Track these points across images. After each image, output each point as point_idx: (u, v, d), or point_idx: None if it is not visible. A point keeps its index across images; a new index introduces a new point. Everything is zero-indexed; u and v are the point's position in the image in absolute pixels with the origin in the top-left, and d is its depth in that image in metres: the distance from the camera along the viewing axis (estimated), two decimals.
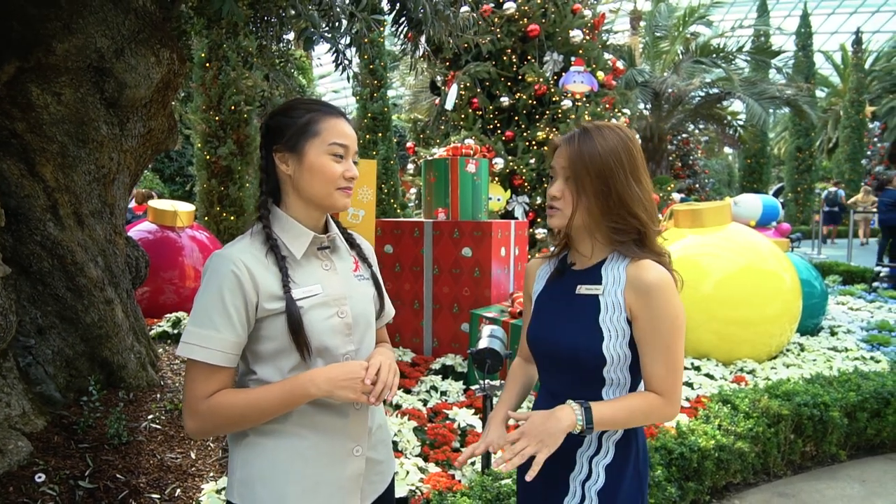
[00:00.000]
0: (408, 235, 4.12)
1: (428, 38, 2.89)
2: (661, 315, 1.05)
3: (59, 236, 2.66)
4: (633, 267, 1.09)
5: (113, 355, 2.87)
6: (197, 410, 1.00)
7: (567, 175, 1.10)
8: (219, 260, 1.02)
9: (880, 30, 24.30)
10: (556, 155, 1.14)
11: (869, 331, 5.02)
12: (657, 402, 1.06)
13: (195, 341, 0.99)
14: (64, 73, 2.50)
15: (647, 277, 1.06)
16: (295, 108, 1.09)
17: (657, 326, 1.05)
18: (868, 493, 2.76)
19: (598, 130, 1.10)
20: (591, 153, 1.08)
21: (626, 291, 1.08)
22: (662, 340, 1.05)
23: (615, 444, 1.13)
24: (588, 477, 1.12)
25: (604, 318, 1.09)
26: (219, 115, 7.52)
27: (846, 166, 19.60)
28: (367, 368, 1.03)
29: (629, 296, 1.08)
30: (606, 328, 1.09)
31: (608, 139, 1.08)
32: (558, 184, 1.12)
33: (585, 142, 1.09)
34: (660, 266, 1.08)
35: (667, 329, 1.05)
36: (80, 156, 2.70)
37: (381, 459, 1.17)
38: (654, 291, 1.05)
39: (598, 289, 1.11)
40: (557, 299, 1.18)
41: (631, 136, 1.12)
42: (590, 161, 1.07)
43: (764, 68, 14.19)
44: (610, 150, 1.08)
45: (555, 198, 1.13)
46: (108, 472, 2.25)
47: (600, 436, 1.13)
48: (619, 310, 1.08)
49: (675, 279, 1.10)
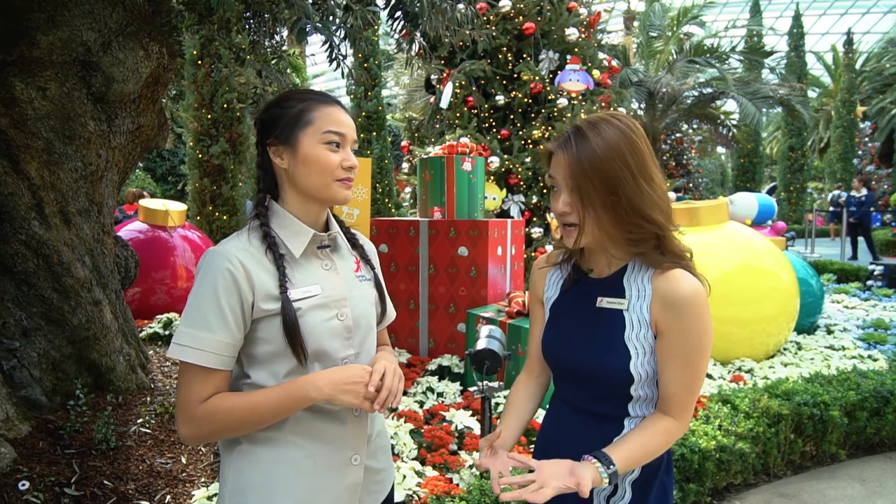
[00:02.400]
0: (403, 234, 4.07)
1: (424, 32, 2.84)
2: (689, 332, 0.96)
3: (45, 235, 2.58)
4: (661, 279, 0.99)
5: (101, 358, 2.79)
6: (191, 416, 0.94)
7: (570, 186, 0.98)
8: (214, 256, 0.97)
9: (870, 31, 24.52)
10: (554, 164, 1.01)
11: (865, 329, 5.02)
12: (672, 428, 0.99)
13: (188, 343, 0.93)
14: (49, 67, 2.42)
15: (678, 292, 0.96)
16: (288, 99, 1.04)
17: (683, 344, 0.96)
18: (868, 492, 2.73)
19: (593, 129, 0.96)
20: (591, 158, 0.94)
21: (653, 305, 0.99)
22: (687, 358, 0.97)
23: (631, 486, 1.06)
24: (614, 493, 1.06)
25: (629, 335, 1.00)
26: (211, 114, 7.43)
27: (838, 166, 19.75)
28: (371, 374, 0.97)
29: (656, 309, 0.99)
30: (633, 346, 1.00)
31: (607, 137, 0.95)
32: (565, 196, 0.99)
33: (582, 145, 0.95)
34: (690, 276, 0.98)
35: (693, 347, 0.96)
36: (67, 153, 2.63)
37: (381, 468, 1.12)
38: (685, 307, 0.96)
39: (621, 303, 1.02)
40: (576, 311, 1.08)
41: (632, 127, 0.98)
42: (590, 168, 0.94)
43: (757, 68, 14.25)
44: (611, 150, 0.94)
45: (565, 213, 0.99)
46: (95, 479, 2.19)
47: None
48: (645, 326, 1.00)
49: (704, 285, 1.00)
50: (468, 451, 2.52)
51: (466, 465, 2.38)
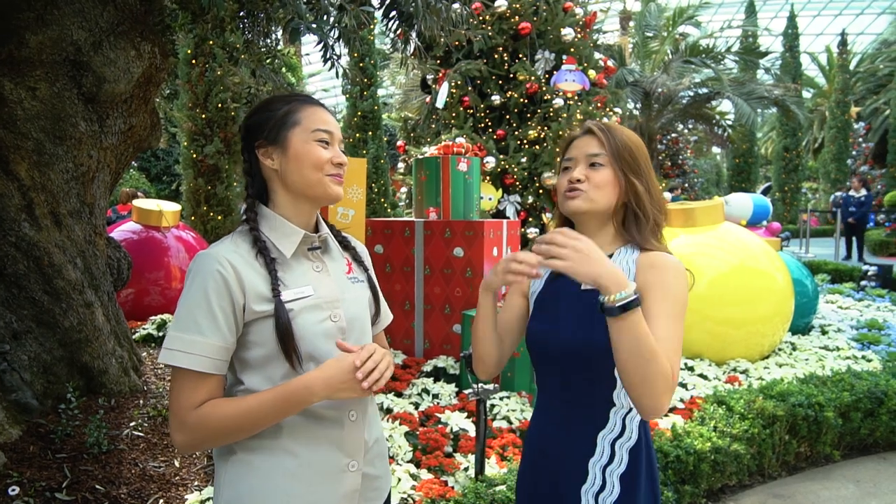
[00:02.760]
0: (398, 235, 4.06)
1: (419, 32, 2.83)
2: (670, 290, 1.02)
3: (36, 237, 2.56)
4: (645, 256, 1.08)
5: (93, 360, 2.77)
6: (185, 422, 0.93)
7: (594, 161, 1.09)
8: (203, 260, 0.96)
9: (864, 32, 24.66)
10: (577, 145, 1.12)
11: (859, 329, 5.04)
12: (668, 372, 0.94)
13: (179, 347, 0.92)
14: (38, 67, 2.40)
15: (660, 259, 1.06)
16: (272, 103, 1.05)
17: (665, 300, 1.01)
18: (863, 493, 2.74)
19: (616, 125, 1.13)
20: (625, 142, 1.10)
21: (637, 276, 1.05)
22: (669, 316, 1.00)
23: (629, 452, 1.06)
24: (611, 461, 1.06)
25: None
26: (205, 113, 7.38)
27: (832, 166, 19.85)
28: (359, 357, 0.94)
29: (640, 277, 1.05)
30: None
31: (630, 134, 1.12)
32: (581, 168, 1.10)
33: (616, 131, 1.11)
34: (674, 257, 1.08)
35: (673, 306, 1.01)
36: (57, 153, 2.60)
37: (378, 474, 1.10)
38: (666, 267, 1.04)
39: None
40: (562, 297, 1.12)
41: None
42: (627, 148, 1.09)
43: (752, 68, 14.31)
44: (637, 142, 1.12)
45: (578, 181, 1.09)
46: (86, 483, 2.16)
47: (613, 443, 1.06)
48: None
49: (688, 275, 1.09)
50: (463, 454, 2.51)
51: (462, 468, 2.38)
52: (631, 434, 1.07)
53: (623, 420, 1.07)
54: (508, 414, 2.95)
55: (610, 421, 1.07)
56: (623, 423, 1.07)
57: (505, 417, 2.93)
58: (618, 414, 1.07)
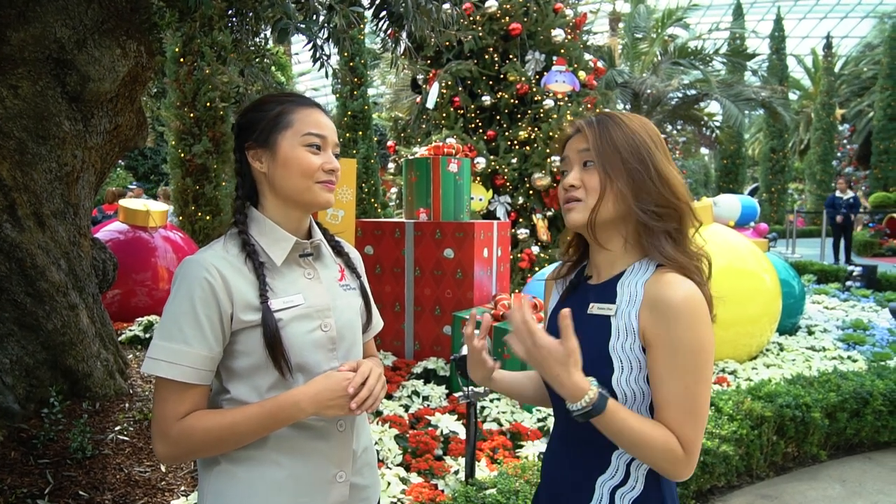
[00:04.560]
0: (389, 236, 4.04)
1: (409, 32, 2.81)
2: (679, 344, 0.84)
3: (18, 238, 2.50)
4: (655, 282, 0.89)
5: (77, 363, 2.72)
6: (168, 434, 0.90)
7: (585, 160, 0.94)
8: (190, 266, 0.93)
9: (849, 35, 25.03)
10: (570, 144, 0.98)
11: (844, 329, 5.10)
12: (678, 449, 0.84)
13: (163, 357, 0.89)
14: (20, 65, 2.35)
15: (667, 295, 0.86)
16: (265, 102, 1.01)
17: (674, 359, 0.85)
18: (848, 493, 2.77)
19: (620, 115, 0.97)
20: (619, 133, 0.93)
21: (642, 311, 0.88)
22: (679, 377, 0.84)
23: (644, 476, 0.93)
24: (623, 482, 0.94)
25: (614, 345, 0.90)
26: (193, 112, 7.30)
27: (817, 167, 20.13)
28: (353, 378, 0.94)
29: (644, 316, 0.88)
30: (617, 358, 0.90)
31: (633, 121, 0.95)
32: (575, 172, 0.95)
33: (609, 124, 0.94)
34: (687, 282, 0.87)
35: (686, 363, 0.84)
36: (41, 153, 2.55)
37: (367, 484, 1.09)
38: (674, 313, 0.85)
39: (610, 308, 0.92)
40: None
41: (648, 121, 0.99)
42: (617, 137, 0.92)
43: (740, 70, 14.46)
44: (637, 127, 0.94)
45: (573, 186, 0.94)
46: (69, 490, 2.12)
47: (612, 491, 0.93)
48: (631, 335, 0.89)
49: (708, 298, 0.89)
50: (454, 457, 2.50)
51: (452, 471, 2.36)
52: (635, 484, 0.92)
53: (627, 467, 0.93)
54: (499, 416, 2.94)
55: (611, 465, 0.93)
56: (627, 471, 0.93)
57: (495, 420, 2.93)
58: (620, 458, 0.93)
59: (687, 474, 0.86)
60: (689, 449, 0.85)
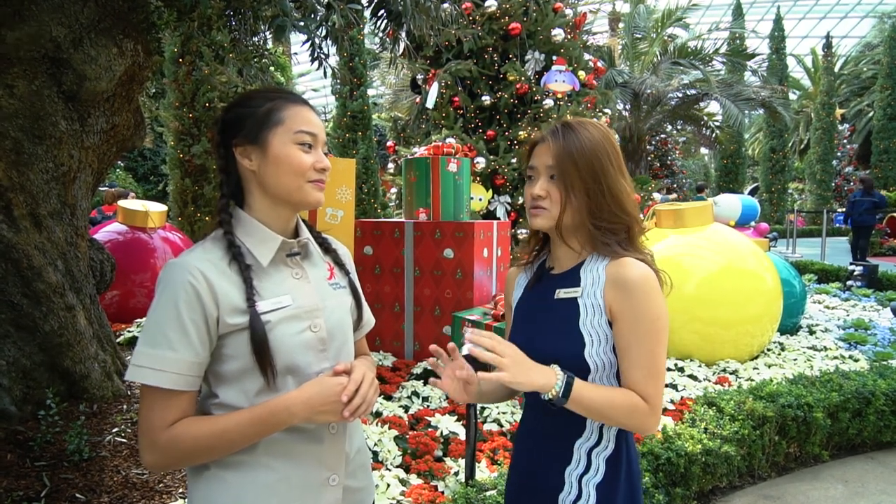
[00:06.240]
0: (388, 236, 4.02)
1: (408, 32, 2.79)
2: (641, 314, 0.99)
3: (14, 239, 2.49)
4: (613, 265, 1.03)
5: (74, 365, 2.70)
6: (155, 443, 0.88)
7: (552, 173, 1.05)
8: (173, 269, 0.90)
9: (848, 34, 25.04)
10: (537, 153, 1.08)
11: (846, 329, 5.08)
12: (641, 405, 0.99)
13: (147, 363, 0.86)
14: (16, 64, 2.33)
15: (627, 274, 1.01)
16: (253, 98, 0.98)
17: (637, 327, 0.99)
18: (851, 493, 2.75)
19: (580, 125, 1.06)
20: (579, 148, 1.03)
21: (606, 290, 1.02)
22: (642, 343, 0.99)
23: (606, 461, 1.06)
24: (587, 470, 1.06)
25: (584, 321, 1.03)
26: (192, 113, 7.29)
27: (817, 167, 20.13)
28: (347, 385, 0.93)
29: (609, 294, 1.01)
30: (587, 332, 1.02)
31: (592, 133, 1.05)
32: (542, 182, 1.06)
33: (570, 137, 1.04)
34: (642, 263, 1.02)
35: (647, 330, 0.99)
36: (37, 153, 2.53)
37: (360, 487, 1.07)
38: (634, 289, 0.99)
39: (576, 291, 1.05)
40: (535, 306, 1.12)
41: (609, 131, 1.09)
42: (578, 156, 1.02)
43: (739, 70, 14.45)
44: (597, 143, 1.04)
45: (539, 197, 1.06)
46: (66, 492, 2.11)
47: (589, 452, 1.06)
48: (598, 311, 1.02)
49: (661, 279, 1.04)
50: (454, 458, 2.48)
51: (452, 472, 2.35)
52: (608, 443, 1.06)
53: (600, 428, 1.06)
54: (499, 417, 2.92)
55: (587, 430, 1.06)
56: (600, 432, 1.06)
57: (495, 420, 2.91)
58: (594, 423, 1.06)
59: (654, 427, 1.00)
60: (653, 403, 0.99)
